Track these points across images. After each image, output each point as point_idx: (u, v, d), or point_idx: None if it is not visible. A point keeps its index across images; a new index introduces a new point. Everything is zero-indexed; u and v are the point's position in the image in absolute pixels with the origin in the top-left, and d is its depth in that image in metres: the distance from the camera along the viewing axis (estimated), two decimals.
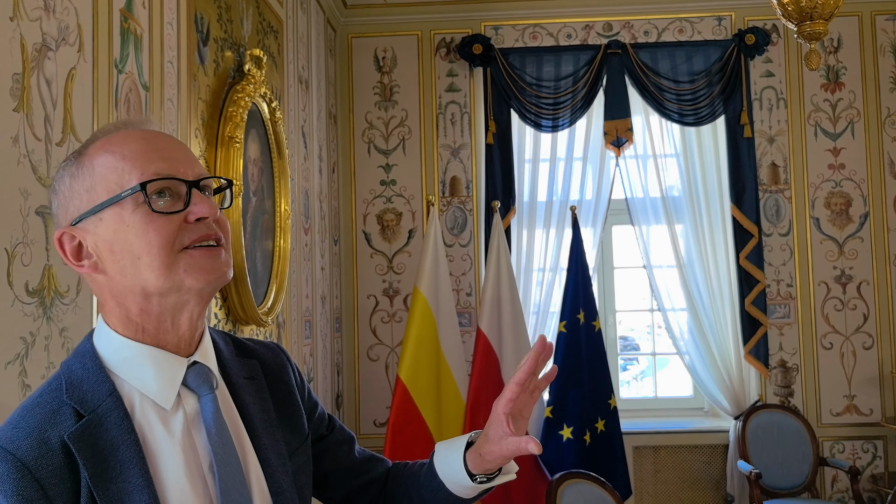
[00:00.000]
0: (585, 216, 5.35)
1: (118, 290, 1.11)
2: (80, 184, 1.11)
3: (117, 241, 1.09)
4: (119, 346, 1.12)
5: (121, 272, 1.10)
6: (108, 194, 1.09)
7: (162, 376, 1.12)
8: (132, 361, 1.11)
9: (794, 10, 3.10)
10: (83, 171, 1.11)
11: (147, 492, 1.04)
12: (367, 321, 5.48)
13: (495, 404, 1.29)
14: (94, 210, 1.09)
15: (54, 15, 2.02)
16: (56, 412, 1.05)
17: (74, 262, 1.12)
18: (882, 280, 5.37)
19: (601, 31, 5.52)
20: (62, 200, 1.13)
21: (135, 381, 1.11)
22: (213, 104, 3.09)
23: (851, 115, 5.44)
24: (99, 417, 1.06)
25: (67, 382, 1.09)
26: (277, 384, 1.31)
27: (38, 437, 1.03)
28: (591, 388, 4.76)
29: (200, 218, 1.10)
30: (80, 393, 1.07)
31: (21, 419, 1.05)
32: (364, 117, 5.54)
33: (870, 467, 5.32)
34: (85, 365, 1.11)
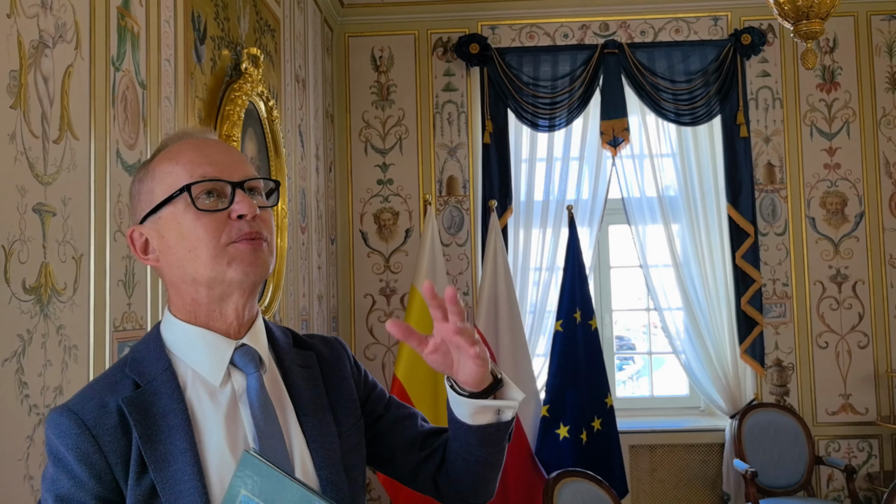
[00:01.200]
0: (582, 216, 5.36)
1: (175, 281, 1.27)
2: (145, 187, 1.27)
3: (172, 237, 1.24)
4: (177, 328, 1.28)
5: (176, 264, 1.25)
6: (164, 195, 1.24)
7: (212, 355, 1.26)
8: (187, 342, 1.26)
9: (791, 9, 3.11)
10: (148, 177, 1.28)
11: (191, 454, 1.17)
12: (364, 320, 5.48)
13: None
14: (153, 209, 1.25)
15: (51, 12, 2.02)
16: (117, 383, 1.23)
17: (142, 256, 1.29)
18: (877, 279, 5.38)
19: (598, 31, 5.53)
20: (133, 202, 1.30)
21: (189, 360, 1.26)
22: (210, 103, 3.09)
23: (847, 115, 5.46)
24: (154, 388, 1.21)
25: (131, 359, 1.26)
26: (332, 371, 1.41)
27: (98, 400, 1.20)
28: (587, 388, 4.76)
29: (241, 215, 1.23)
30: (140, 367, 1.24)
31: (88, 389, 1.24)
32: (361, 116, 5.55)
33: (865, 466, 5.34)
34: (148, 345, 1.27)
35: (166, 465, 1.16)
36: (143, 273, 2.51)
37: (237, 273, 1.22)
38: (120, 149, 2.37)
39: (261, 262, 1.24)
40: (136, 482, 1.15)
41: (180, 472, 1.16)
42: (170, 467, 1.16)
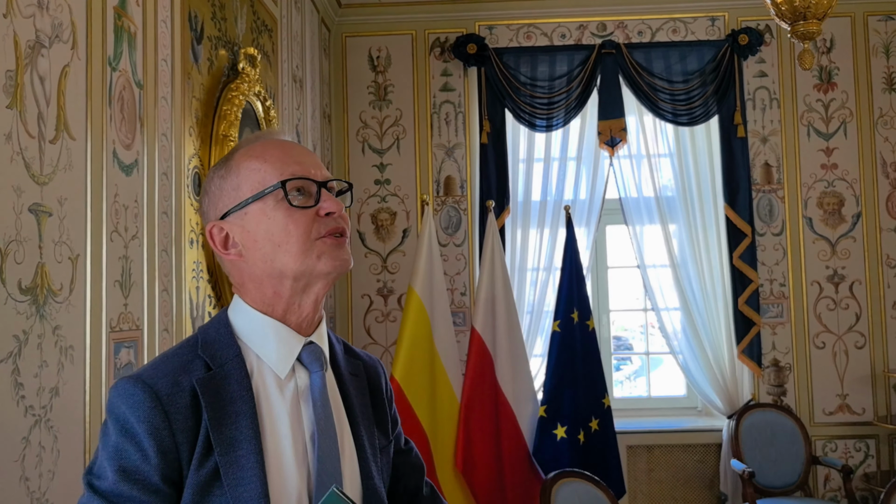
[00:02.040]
0: (579, 216, 5.36)
1: (257, 275, 1.30)
2: (229, 184, 1.31)
3: (260, 232, 1.28)
4: (250, 317, 1.31)
5: (262, 258, 1.28)
6: (253, 192, 1.28)
7: (282, 348, 1.30)
8: (259, 332, 1.30)
9: (788, 9, 3.11)
10: (231, 173, 1.31)
11: (255, 441, 1.20)
12: (362, 321, 5.47)
13: None
14: (240, 205, 1.29)
15: (48, 12, 2.01)
16: (190, 362, 1.25)
17: (222, 251, 1.32)
18: (874, 280, 5.39)
19: (595, 31, 5.53)
20: (212, 199, 1.33)
21: (258, 349, 1.29)
22: (207, 102, 3.09)
23: (844, 116, 5.46)
24: (225, 372, 1.24)
25: (202, 341, 1.28)
26: (375, 387, 1.48)
27: (172, 378, 1.21)
28: (584, 388, 4.76)
29: (329, 213, 1.29)
30: (212, 351, 1.27)
31: (161, 363, 1.25)
32: (358, 116, 5.54)
33: (862, 466, 5.34)
34: (219, 330, 1.30)
35: (231, 449, 1.19)
36: (139, 274, 2.51)
37: (326, 265, 1.27)
38: (116, 149, 2.36)
39: (346, 256, 1.30)
40: (199, 464, 1.18)
41: (244, 458, 1.19)
42: (234, 452, 1.19)
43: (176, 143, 2.78)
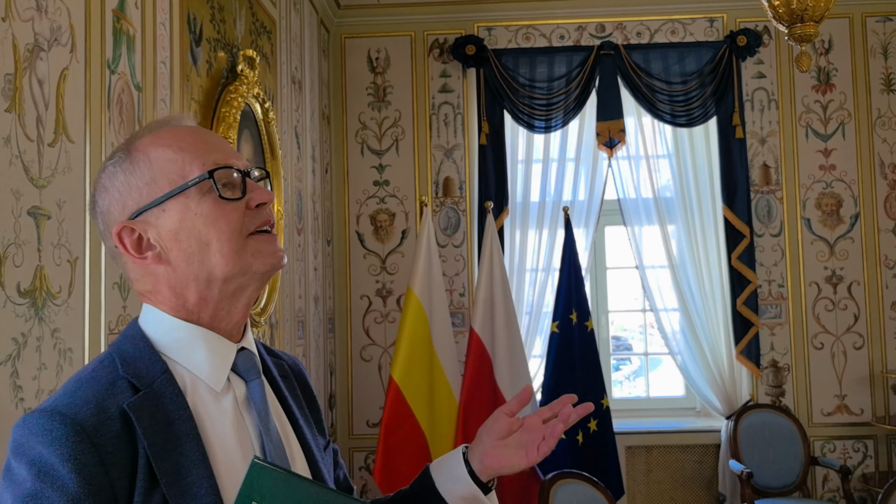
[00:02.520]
0: (578, 217, 5.36)
1: (179, 279, 1.13)
2: (138, 178, 1.13)
3: (183, 230, 1.12)
4: (171, 327, 1.14)
5: (186, 260, 1.12)
6: (171, 185, 1.12)
7: (214, 359, 1.14)
8: (185, 343, 1.14)
9: (785, 12, 3.11)
10: (138, 166, 1.13)
11: (204, 466, 1.06)
12: (361, 321, 5.48)
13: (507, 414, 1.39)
14: (157, 201, 1.12)
15: (46, 15, 2.02)
16: (112, 384, 1.06)
17: (136, 255, 1.13)
18: (872, 280, 5.40)
19: (594, 33, 5.54)
20: (117, 196, 1.14)
21: (186, 363, 1.13)
22: (206, 105, 3.09)
23: (842, 117, 5.47)
24: (155, 392, 1.07)
25: (121, 359, 1.10)
26: (304, 386, 1.36)
27: (96, 404, 1.03)
28: (583, 388, 4.76)
29: (260, 204, 1.15)
30: (135, 369, 1.09)
31: (77, 389, 1.05)
32: (357, 118, 5.55)
33: (860, 467, 5.35)
34: (136, 345, 1.12)
35: (179, 477, 1.04)
36: None
37: (263, 264, 1.15)
38: None
39: (280, 252, 1.18)
40: (144, 498, 1.02)
41: (195, 484, 1.05)
42: (183, 480, 1.04)
43: None
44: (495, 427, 1.37)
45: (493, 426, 1.37)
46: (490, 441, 1.36)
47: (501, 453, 1.35)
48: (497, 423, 1.38)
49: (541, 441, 1.35)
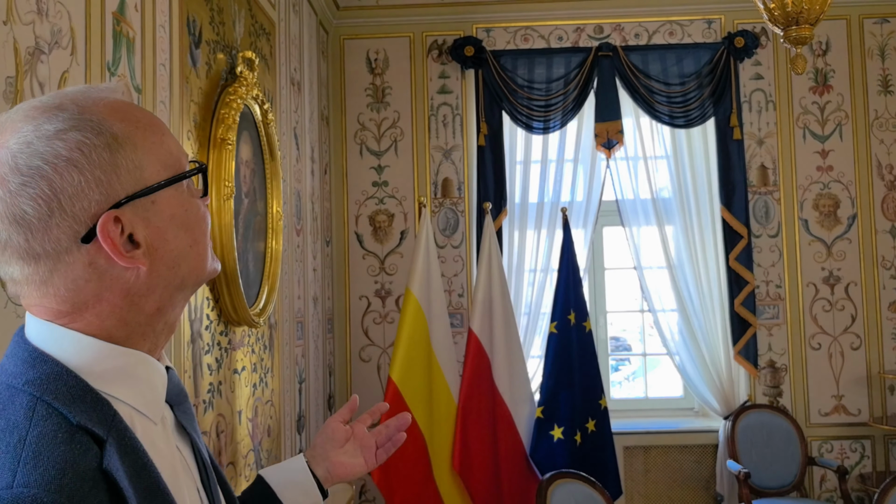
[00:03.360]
0: (576, 217, 5.38)
1: (146, 286, 0.94)
2: (125, 159, 0.92)
3: (172, 228, 0.95)
4: (105, 354, 0.92)
5: (169, 263, 0.95)
6: (167, 173, 0.95)
7: (154, 386, 0.98)
8: (124, 371, 0.94)
9: (781, 15, 3.13)
10: (124, 144, 0.92)
11: None
12: (359, 322, 5.49)
13: (358, 424, 1.52)
14: (152, 189, 0.93)
15: (47, 18, 2.03)
16: (70, 440, 0.83)
17: (122, 256, 0.91)
18: (869, 281, 5.41)
19: (592, 34, 5.55)
20: (99, 176, 0.90)
21: (125, 395, 0.93)
22: (205, 106, 3.11)
23: (840, 118, 5.49)
24: (115, 441, 0.87)
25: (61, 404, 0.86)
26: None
27: (73, 471, 0.81)
28: (581, 389, 4.79)
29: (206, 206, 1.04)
30: (85, 415, 0.86)
31: (37, 456, 0.81)
32: (356, 119, 5.56)
33: (858, 467, 5.37)
34: (67, 383, 0.88)
35: None
36: None
37: (215, 271, 1.03)
38: None
39: None
40: None
41: None
42: None
43: None
44: (334, 436, 1.46)
45: (333, 435, 1.46)
46: (333, 450, 1.45)
47: (345, 461, 1.45)
48: (335, 432, 1.47)
49: (376, 448, 1.48)
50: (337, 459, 1.44)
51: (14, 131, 0.90)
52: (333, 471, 1.43)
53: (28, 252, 0.89)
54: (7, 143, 0.89)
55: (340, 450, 1.46)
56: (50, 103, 0.92)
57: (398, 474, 4.35)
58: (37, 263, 0.90)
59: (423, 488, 4.45)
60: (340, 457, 1.45)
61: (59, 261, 0.90)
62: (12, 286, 0.94)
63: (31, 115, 0.91)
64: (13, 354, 0.92)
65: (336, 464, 1.44)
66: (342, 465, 1.44)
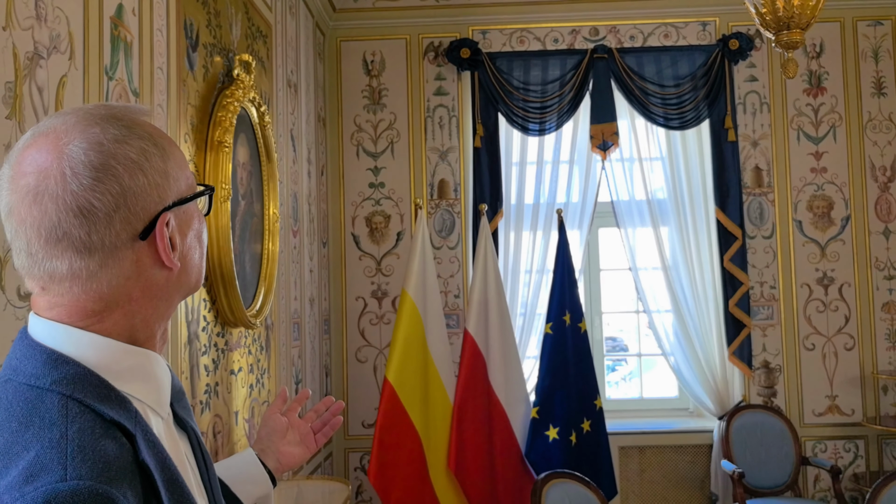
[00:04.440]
0: (572, 219, 5.41)
1: (169, 290, 1.03)
2: (173, 168, 1.02)
3: (192, 238, 1.05)
4: (122, 353, 0.98)
5: (188, 270, 1.05)
6: (190, 189, 1.05)
7: (162, 384, 1.04)
8: (139, 370, 1.00)
9: (772, 19, 3.16)
10: (170, 155, 1.02)
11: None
12: (356, 323, 5.51)
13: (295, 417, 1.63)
14: (188, 199, 1.04)
15: (46, 24, 2.05)
16: (105, 434, 0.89)
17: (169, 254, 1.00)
18: (863, 282, 5.45)
19: (587, 36, 5.58)
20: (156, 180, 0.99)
21: (140, 392, 0.99)
22: (202, 109, 3.13)
23: (833, 120, 5.52)
24: (142, 436, 0.93)
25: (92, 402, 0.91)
26: None
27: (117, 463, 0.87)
28: (576, 389, 4.81)
29: None
30: (113, 412, 0.92)
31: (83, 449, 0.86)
32: (353, 120, 5.58)
33: (851, 467, 5.40)
34: (92, 382, 0.93)
35: None
36: None
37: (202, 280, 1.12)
38: None
39: None
40: None
41: None
42: None
43: None
44: (277, 428, 1.58)
45: (276, 427, 1.58)
46: (279, 441, 1.57)
47: (290, 451, 1.57)
48: (277, 423, 1.58)
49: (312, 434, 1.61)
50: (284, 449, 1.56)
51: (80, 132, 0.96)
52: (283, 460, 1.55)
53: (86, 245, 0.94)
54: (74, 141, 0.95)
55: (284, 440, 1.57)
56: (107, 114, 1.00)
57: (394, 474, 4.37)
58: (90, 257, 0.95)
59: (418, 488, 4.48)
60: (286, 447, 1.57)
61: (112, 255, 0.96)
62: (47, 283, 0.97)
63: (91, 121, 0.98)
64: (29, 356, 0.96)
65: (284, 454, 1.56)
66: (289, 454, 1.56)
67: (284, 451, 1.56)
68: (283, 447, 1.56)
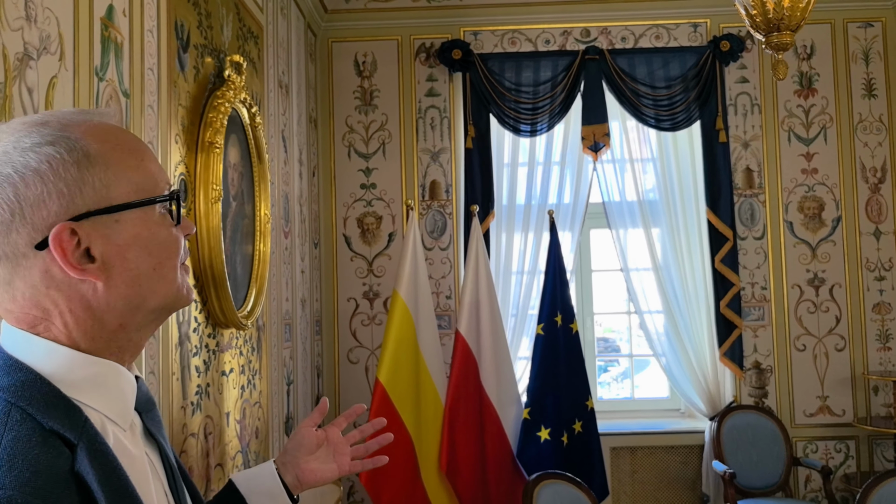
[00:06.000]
0: (563, 220, 5.41)
1: (107, 302, 0.98)
2: (95, 177, 0.97)
3: (135, 248, 0.99)
4: (78, 362, 0.97)
5: (129, 282, 0.99)
6: (138, 195, 0.99)
7: (122, 395, 1.01)
8: (96, 380, 0.98)
9: (762, 21, 3.17)
10: (96, 163, 0.97)
11: None
12: (347, 324, 5.51)
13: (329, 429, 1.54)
14: (117, 208, 0.98)
15: (36, 24, 2.04)
16: (43, 444, 0.88)
17: (75, 267, 0.95)
18: (854, 283, 5.47)
19: (579, 37, 5.59)
20: (61, 189, 0.95)
21: (97, 402, 0.97)
22: (193, 110, 3.12)
23: (824, 121, 5.54)
24: (86, 446, 0.91)
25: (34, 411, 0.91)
26: None
27: (47, 473, 0.85)
28: (568, 390, 4.82)
29: (188, 235, 1.07)
30: (57, 421, 0.90)
31: (13, 459, 0.85)
32: (344, 121, 5.58)
33: (842, 467, 5.42)
34: (40, 389, 0.93)
35: None
36: None
37: (188, 299, 1.06)
38: None
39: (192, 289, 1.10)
40: None
41: None
42: None
43: (162, 151, 2.81)
44: (304, 442, 1.48)
45: (303, 441, 1.48)
46: (303, 457, 1.47)
47: (315, 468, 1.47)
48: (305, 437, 1.48)
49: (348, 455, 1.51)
50: (307, 466, 1.47)
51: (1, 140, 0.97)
52: (303, 477, 1.45)
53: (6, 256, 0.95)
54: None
55: (311, 456, 1.48)
56: (38, 120, 0.99)
57: (385, 475, 4.37)
58: (1, 264, 0.96)
59: (410, 489, 4.48)
60: (311, 463, 1.47)
61: (17, 264, 0.95)
62: None
63: (16, 129, 0.98)
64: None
65: (305, 470, 1.46)
66: (312, 471, 1.47)
67: (307, 467, 1.47)
68: (307, 463, 1.47)
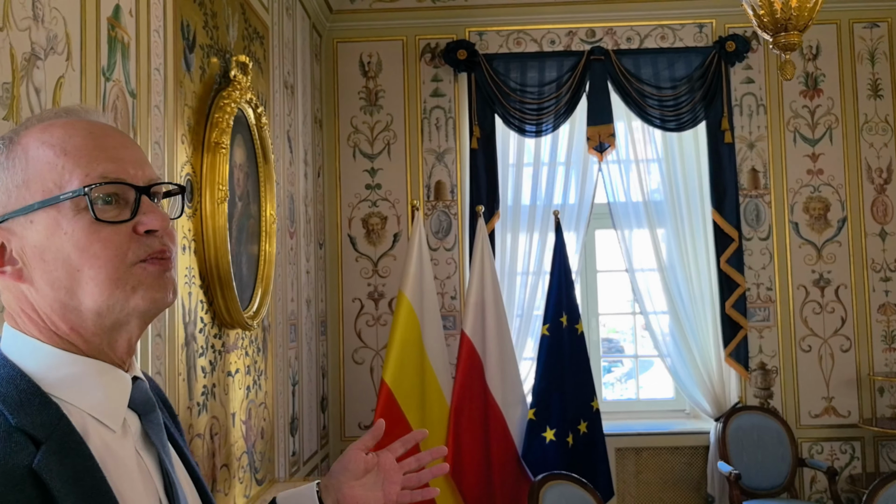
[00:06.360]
0: (569, 220, 5.41)
1: (44, 303, 0.97)
2: (11, 177, 0.96)
3: (50, 250, 0.95)
4: (59, 361, 0.96)
5: (51, 284, 0.95)
6: (44, 194, 0.94)
7: (112, 394, 0.99)
8: (78, 379, 0.96)
9: (770, 21, 3.16)
10: (15, 162, 0.96)
11: None
12: (353, 324, 5.51)
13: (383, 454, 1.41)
14: (24, 210, 0.95)
15: (43, 24, 2.05)
16: (8, 438, 0.87)
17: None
18: (859, 283, 5.45)
19: (584, 38, 5.58)
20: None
21: (81, 402, 0.96)
22: (199, 110, 3.12)
23: (830, 122, 5.53)
24: (56, 444, 0.89)
25: (4, 407, 0.90)
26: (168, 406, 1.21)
27: (5, 469, 0.84)
28: (573, 391, 4.81)
29: (150, 231, 0.98)
30: (29, 418, 0.89)
31: None
32: (349, 122, 5.58)
33: (848, 468, 5.40)
34: (17, 385, 0.92)
35: None
36: None
37: (144, 301, 0.97)
38: None
39: (171, 287, 1.00)
40: None
41: None
42: None
43: (168, 151, 2.82)
44: (350, 467, 1.36)
45: (349, 465, 1.36)
46: (347, 481, 1.35)
47: (359, 494, 1.35)
48: (353, 462, 1.36)
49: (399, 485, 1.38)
50: (350, 492, 1.35)
51: None
52: (344, 502, 1.34)
53: None
54: None
55: (356, 481, 1.36)
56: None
57: None
58: None
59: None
60: (355, 489, 1.35)
61: None
62: None
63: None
64: None
65: (348, 496, 1.34)
66: (354, 497, 1.35)
67: (350, 493, 1.34)
68: (351, 489, 1.35)
